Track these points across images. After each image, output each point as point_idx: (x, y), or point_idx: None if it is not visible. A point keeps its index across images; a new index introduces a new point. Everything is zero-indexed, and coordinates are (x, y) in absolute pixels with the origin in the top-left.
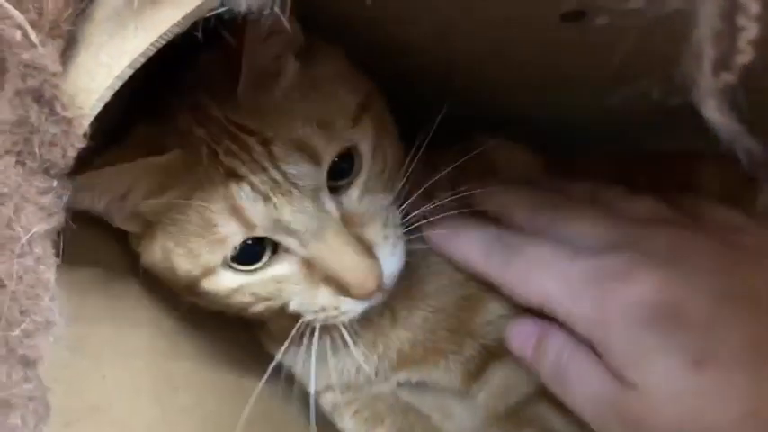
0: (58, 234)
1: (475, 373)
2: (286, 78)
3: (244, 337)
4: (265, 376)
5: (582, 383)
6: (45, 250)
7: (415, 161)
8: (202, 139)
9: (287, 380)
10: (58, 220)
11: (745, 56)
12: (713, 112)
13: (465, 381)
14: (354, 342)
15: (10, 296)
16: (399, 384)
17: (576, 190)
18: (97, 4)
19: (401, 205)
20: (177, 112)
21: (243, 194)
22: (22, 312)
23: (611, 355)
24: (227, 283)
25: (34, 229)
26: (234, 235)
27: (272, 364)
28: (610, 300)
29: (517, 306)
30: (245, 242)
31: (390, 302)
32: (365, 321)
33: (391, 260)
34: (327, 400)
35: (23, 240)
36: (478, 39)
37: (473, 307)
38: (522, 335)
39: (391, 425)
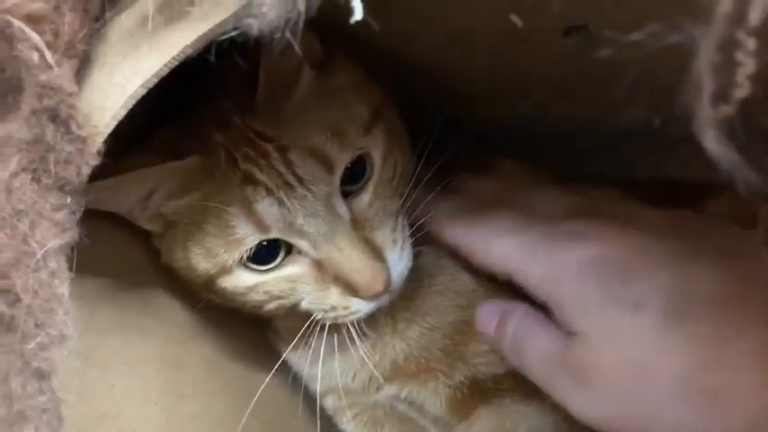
0: (72, 249)
1: (461, 405)
2: (302, 88)
3: (253, 340)
4: (272, 372)
5: (533, 346)
6: (59, 265)
7: (419, 168)
8: (222, 145)
9: (294, 382)
10: (71, 235)
11: (743, 90)
12: (712, 142)
13: (450, 410)
14: (361, 340)
15: (25, 310)
16: (394, 398)
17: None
18: (111, 24)
19: (410, 210)
20: (201, 117)
21: (259, 198)
22: (37, 326)
23: (560, 307)
24: (243, 281)
25: (49, 245)
26: (249, 236)
27: (278, 362)
28: (562, 257)
29: None
30: (260, 243)
31: (393, 312)
32: (370, 325)
33: (399, 263)
34: (329, 403)
35: (38, 255)
36: (480, 51)
37: (469, 333)
38: (486, 315)
39: (390, 431)
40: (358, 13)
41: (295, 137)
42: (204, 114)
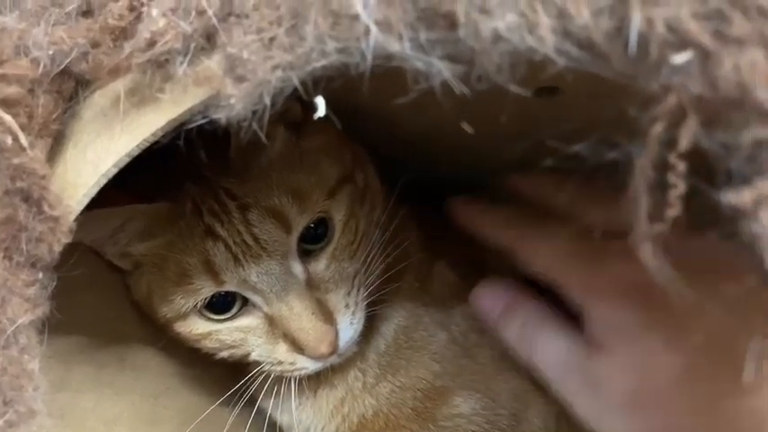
0: (43, 323)
1: None
2: (274, 149)
3: (228, 393)
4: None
5: (547, 344)
6: (30, 340)
7: (378, 229)
8: (191, 196)
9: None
10: (43, 310)
11: (674, 209)
12: (649, 257)
13: None
14: (298, 399)
15: None
16: None
17: None
18: (85, 103)
19: (370, 267)
20: (179, 165)
21: (217, 253)
22: (5, 403)
23: (594, 321)
24: (197, 328)
25: (20, 321)
26: (205, 287)
27: (243, 399)
28: (608, 271)
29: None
30: (216, 294)
31: (363, 366)
32: (340, 378)
33: (349, 327)
34: None
35: (9, 332)
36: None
37: (441, 397)
38: (491, 298)
39: None
40: (321, 111)
41: (258, 197)
42: (183, 163)
